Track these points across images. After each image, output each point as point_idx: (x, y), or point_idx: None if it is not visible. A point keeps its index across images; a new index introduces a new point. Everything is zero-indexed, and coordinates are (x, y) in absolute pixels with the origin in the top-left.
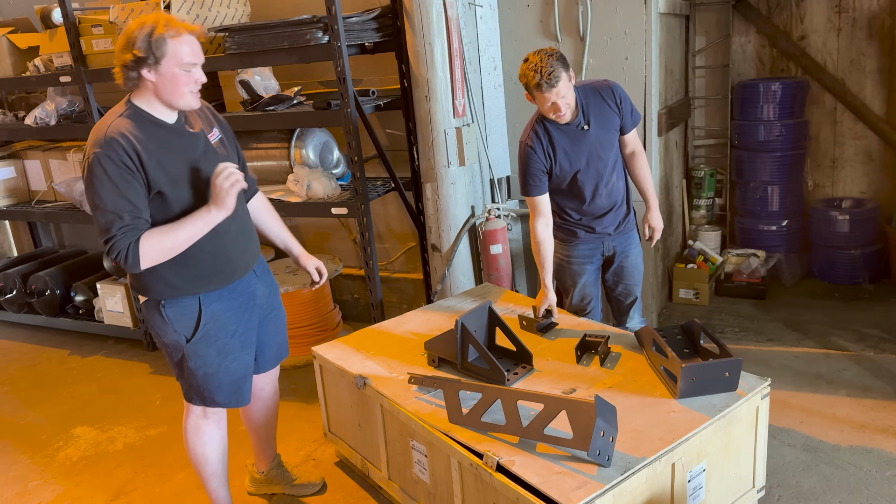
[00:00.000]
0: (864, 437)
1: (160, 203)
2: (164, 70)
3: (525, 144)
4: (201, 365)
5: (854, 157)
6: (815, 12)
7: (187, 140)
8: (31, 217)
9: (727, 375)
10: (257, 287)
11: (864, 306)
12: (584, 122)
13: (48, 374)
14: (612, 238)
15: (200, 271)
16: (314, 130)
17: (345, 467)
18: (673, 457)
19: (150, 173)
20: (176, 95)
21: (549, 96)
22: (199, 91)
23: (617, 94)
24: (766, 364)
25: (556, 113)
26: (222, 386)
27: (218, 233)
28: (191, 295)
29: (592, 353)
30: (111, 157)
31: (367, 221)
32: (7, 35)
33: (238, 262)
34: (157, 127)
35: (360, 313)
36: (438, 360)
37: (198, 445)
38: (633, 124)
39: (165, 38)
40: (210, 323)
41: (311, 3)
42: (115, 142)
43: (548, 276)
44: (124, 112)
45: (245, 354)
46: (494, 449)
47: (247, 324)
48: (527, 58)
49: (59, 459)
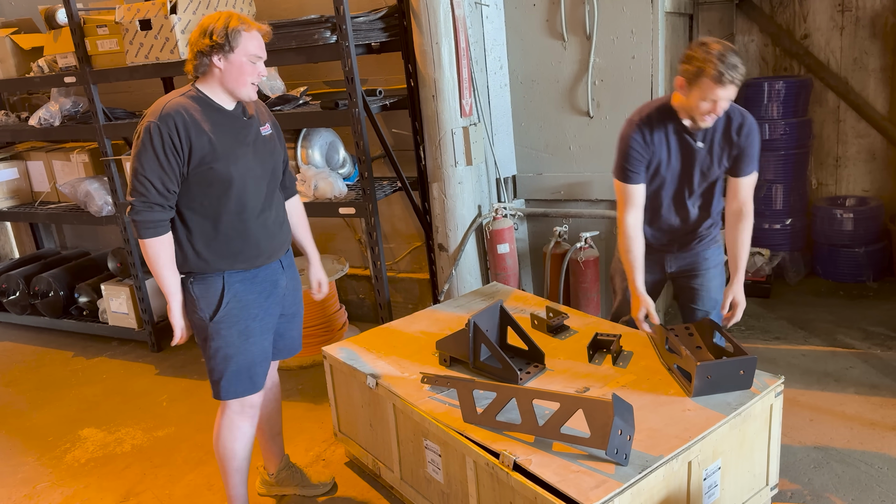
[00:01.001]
0: (874, 434)
1: (203, 177)
2: (235, 59)
3: (633, 123)
4: (223, 345)
5: (857, 156)
6: (817, 11)
7: (241, 125)
8: (33, 218)
9: (742, 373)
10: (281, 277)
11: (868, 304)
12: (702, 139)
13: (53, 375)
14: (674, 256)
15: (228, 247)
16: (320, 130)
17: (355, 467)
18: (689, 455)
19: (196, 150)
20: (240, 84)
21: (720, 93)
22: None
23: (744, 129)
24: (774, 362)
25: (709, 114)
26: (240, 370)
27: (249, 214)
28: (216, 272)
29: (604, 352)
30: (161, 130)
31: (374, 221)
32: (10, 36)
33: (265, 248)
34: (214, 110)
35: (365, 313)
36: (450, 360)
37: (230, 441)
38: (746, 169)
39: (240, 31)
40: (233, 302)
41: (316, 3)
42: (169, 117)
43: (639, 279)
44: (187, 93)
45: (264, 340)
46: (510, 448)
47: (268, 310)
48: (705, 42)
49: (66, 461)
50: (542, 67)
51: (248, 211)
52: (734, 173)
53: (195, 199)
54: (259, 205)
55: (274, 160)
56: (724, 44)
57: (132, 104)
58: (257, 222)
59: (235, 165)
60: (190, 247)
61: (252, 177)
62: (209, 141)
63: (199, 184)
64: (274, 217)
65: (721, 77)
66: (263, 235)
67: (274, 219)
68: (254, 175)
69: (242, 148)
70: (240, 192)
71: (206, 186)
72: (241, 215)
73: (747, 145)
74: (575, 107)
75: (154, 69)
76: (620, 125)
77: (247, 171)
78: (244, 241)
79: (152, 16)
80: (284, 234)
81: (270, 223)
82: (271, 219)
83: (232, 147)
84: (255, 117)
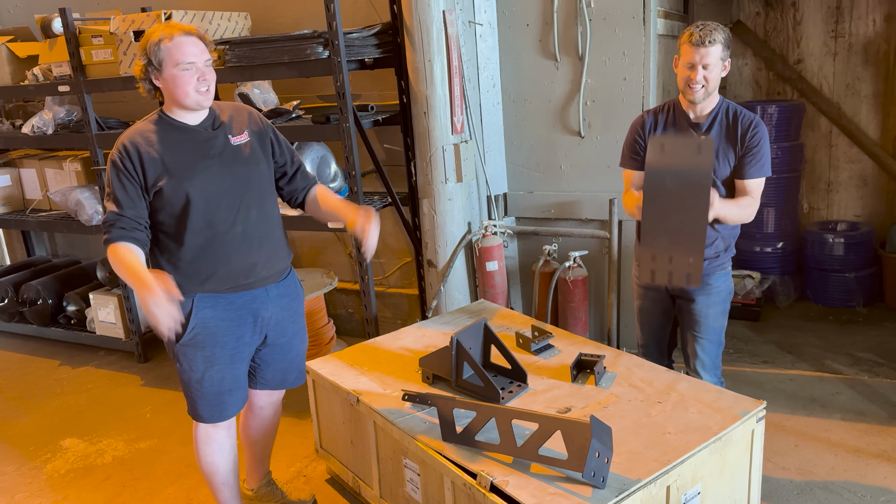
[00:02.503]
0: (858, 461)
1: (160, 198)
2: (166, 74)
3: (642, 113)
4: (188, 368)
5: (849, 181)
6: (811, 36)
7: (203, 139)
8: (25, 226)
9: (700, 151)
10: (264, 308)
11: (857, 330)
12: (703, 131)
13: (38, 384)
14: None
15: (197, 268)
16: (312, 144)
17: (336, 485)
18: (668, 479)
19: (149, 173)
20: (181, 96)
21: (694, 54)
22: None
23: (750, 131)
24: (761, 386)
25: (691, 82)
26: (206, 396)
27: (216, 230)
28: (186, 294)
29: (588, 373)
30: (115, 160)
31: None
32: (6, 44)
33: (236, 265)
34: (172, 129)
35: (353, 328)
36: (433, 377)
37: (208, 454)
38: (752, 172)
39: (159, 44)
40: (199, 328)
41: (312, 18)
42: (122, 146)
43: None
44: (150, 118)
45: (234, 369)
46: (488, 468)
47: (240, 339)
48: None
49: (46, 471)
50: (534, 87)
51: (214, 227)
52: (740, 174)
53: (160, 221)
54: (230, 219)
55: (250, 169)
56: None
57: (126, 114)
58: (226, 238)
59: (194, 181)
60: (160, 269)
61: (218, 190)
62: (161, 161)
63: (158, 204)
64: (249, 231)
65: (693, 37)
66: (235, 252)
67: (249, 233)
68: (220, 188)
69: (204, 161)
70: (201, 208)
71: (165, 206)
72: (206, 232)
73: (754, 145)
74: (566, 126)
75: None
76: (611, 146)
77: (210, 185)
78: (213, 260)
79: (147, 27)
80: (267, 252)
81: (244, 238)
82: (246, 233)
83: (189, 163)
84: (225, 126)
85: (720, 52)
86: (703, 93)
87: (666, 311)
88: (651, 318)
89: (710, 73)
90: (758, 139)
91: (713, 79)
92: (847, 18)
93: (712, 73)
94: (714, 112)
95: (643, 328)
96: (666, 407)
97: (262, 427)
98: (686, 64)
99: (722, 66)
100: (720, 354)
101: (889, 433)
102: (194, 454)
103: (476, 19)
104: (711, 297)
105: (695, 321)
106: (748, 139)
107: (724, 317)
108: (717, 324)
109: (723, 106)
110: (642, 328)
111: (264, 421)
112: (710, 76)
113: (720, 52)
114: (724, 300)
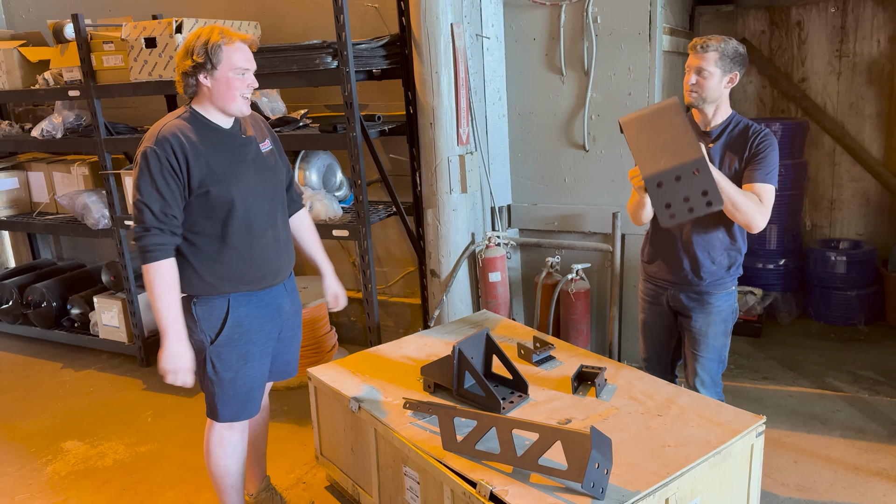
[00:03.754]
0: (857, 479)
1: (204, 200)
2: (220, 75)
3: None
4: (222, 369)
5: (852, 200)
6: (815, 55)
7: (239, 144)
8: (31, 228)
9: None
10: (284, 301)
11: (859, 348)
12: (713, 139)
13: (41, 386)
14: (672, 289)
15: (233, 270)
16: (318, 153)
17: (335, 492)
18: (667, 492)
19: (195, 173)
20: (229, 99)
21: (691, 60)
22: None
23: (759, 137)
24: (761, 402)
25: (688, 85)
26: (237, 395)
27: (253, 235)
28: (221, 294)
29: (589, 385)
30: (158, 154)
31: (367, 244)
32: (18, 48)
33: (270, 267)
34: (210, 130)
35: (356, 336)
36: (434, 386)
37: (221, 457)
38: (758, 176)
39: (220, 45)
40: (235, 327)
41: (321, 28)
42: (166, 140)
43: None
44: (183, 115)
45: (262, 364)
46: (488, 478)
47: (268, 334)
48: None
49: (47, 473)
50: (540, 100)
51: (252, 231)
52: (748, 179)
53: (198, 223)
54: (263, 224)
55: (276, 177)
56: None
57: (135, 120)
58: (262, 242)
59: (237, 186)
60: (194, 270)
61: (255, 196)
62: (207, 163)
63: (200, 207)
64: (279, 235)
65: (695, 46)
66: (269, 255)
67: (278, 237)
68: (256, 194)
69: (243, 167)
70: (243, 213)
71: (208, 209)
72: (245, 236)
73: (761, 150)
74: (571, 140)
75: (157, 86)
76: (615, 160)
77: (248, 191)
78: (250, 263)
79: (158, 34)
80: (290, 253)
81: (275, 242)
82: (276, 237)
83: (231, 168)
84: (253, 134)
85: (716, 61)
86: (696, 98)
87: (669, 326)
88: (654, 333)
89: (705, 80)
90: (765, 146)
91: (708, 87)
92: (851, 38)
93: (707, 81)
94: (724, 123)
95: (646, 342)
96: (666, 420)
97: (255, 423)
98: (686, 68)
99: (721, 77)
100: (720, 373)
101: (889, 451)
102: (204, 457)
103: (483, 33)
104: (711, 317)
105: (694, 339)
106: (755, 144)
107: (726, 336)
108: (717, 343)
109: (734, 119)
110: (645, 342)
111: (261, 415)
112: (703, 83)
113: (716, 61)
114: (725, 320)
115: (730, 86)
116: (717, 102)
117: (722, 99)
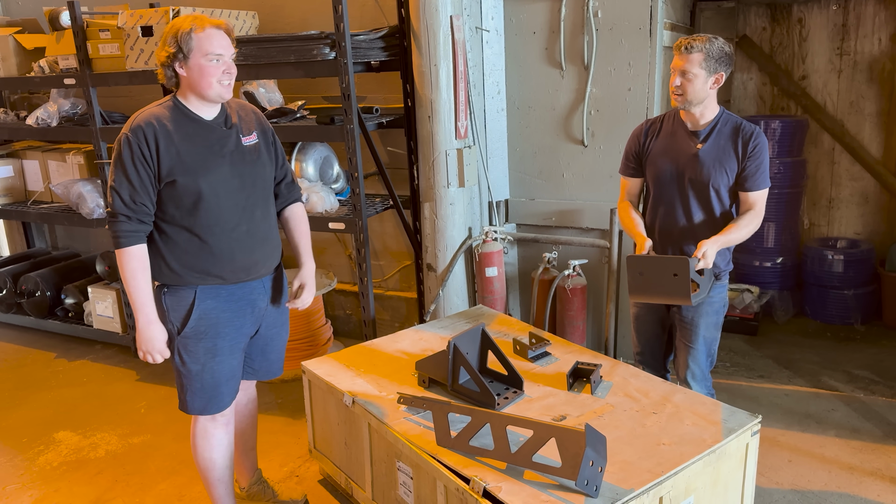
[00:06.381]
0: (851, 479)
1: (172, 190)
2: (192, 63)
3: (644, 120)
4: (189, 360)
5: (850, 198)
6: (816, 53)
7: (217, 136)
8: (25, 217)
9: (675, 276)
10: (260, 297)
11: (855, 347)
12: (701, 140)
13: (33, 376)
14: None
15: (200, 262)
16: (315, 145)
17: (328, 486)
18: (661, 490)
19: (164, 162)
20: (205, 86)
21: (676, 61)
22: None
23: (751, 144)
24: (756, 401)
25: (672, 86)
26: (203, 388)
27: (223, 228)
28: (188, 285)
29: (584, 381)
30: (131, 142)
31: (363, 238)
32: (14, 35)
33: (240, 262)
34: (189, 121)
35: (351, 329)
36: (429, 381)
37: (206, 450)
38: (757, 184)
39: (190, 33)
40: (202, 319)
41: (320, 19)
42: (140, 129)
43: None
44: (164, 103)
45: (232, 359)
46: (481, 474)
47: (239, 329)
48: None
49: (39, 464)
50: (539, 95)
51: (222, 224)
52: (744, 187)
53: (167, 212)
54: (236, 218)
55: (256, 171)
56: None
57: (131, 108)
58: (233, 236)
59: (206, 178)
60: (162, 259)
61: (227, 189)
62: (178, 153)
63: (169, 196)
64: (254, 230)
65: (679, 46)
66: (240, 250)
67: (253, 232)
68: (229, 187)
69: (217, 160)
70: (213, 205)
71: (176, 199)
72: (215, 229)
73: (756, 156)
74: (570, 135)
75: (153, 75)
76: (614, 156)
77: (220, 184)
78: (218, 256)
79: (154, 23)
80: (268, 250)
81: (249, 237)
82: (252, 232)
83: (203, 159)
84: (236, 126)
85: (701, 62)
86: (681, 101)
87: (661, 319)
88: (646, 326)
89: (690, 83)
90: (759, 151)
91: (692, 90)
92: (853, 36)
93: (692, 84)
94: (713, 122)
95: (638, 335)
96: (661, 418)
97: (242, 417)
98: (671, 69)
99: (706, 78)
100: (710, 368)
101: (883, 451)
102: (191, 450)
103: (483, 25)
104: (703, 307)
105: (686, 330)
106: (750, 150)
107: (717, 329)
108: (708, 335)
109: (722, 117)
110: (638, 335)
111: (243, 410)
112: (688, 85)
113: (701, 62)
114: (717, 311)
115: (716, 86)
116: (703, 103)
117: (709, 99)
